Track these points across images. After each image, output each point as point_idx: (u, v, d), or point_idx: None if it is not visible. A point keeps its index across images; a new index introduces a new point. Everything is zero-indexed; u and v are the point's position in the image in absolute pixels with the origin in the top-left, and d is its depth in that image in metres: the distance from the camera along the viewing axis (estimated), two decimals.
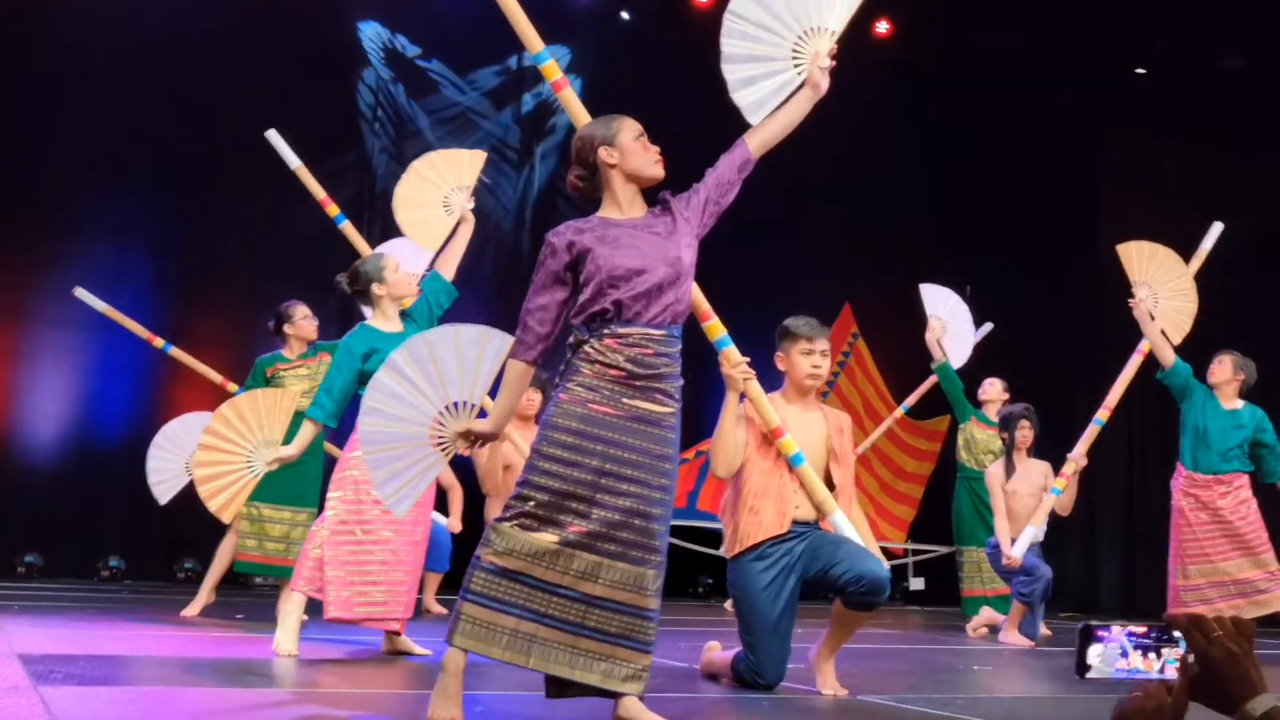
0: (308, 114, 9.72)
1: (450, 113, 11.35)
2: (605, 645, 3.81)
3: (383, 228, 8.93)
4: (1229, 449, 7.42)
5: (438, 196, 6.23)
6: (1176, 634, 1.98)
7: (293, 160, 7.23)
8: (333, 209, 7.18)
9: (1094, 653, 1.99)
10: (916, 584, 11.66)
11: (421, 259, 6.52)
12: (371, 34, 11.17)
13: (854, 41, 4.42)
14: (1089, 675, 1.99)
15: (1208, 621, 1.92)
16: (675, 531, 10.50)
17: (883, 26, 11.85)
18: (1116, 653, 2.00)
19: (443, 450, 4.07)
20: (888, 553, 11.70)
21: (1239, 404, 7.52)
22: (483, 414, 4.11)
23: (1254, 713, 1.89)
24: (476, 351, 4.06)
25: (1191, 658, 1.92)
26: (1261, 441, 7.47)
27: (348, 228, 7.14)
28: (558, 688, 3.90)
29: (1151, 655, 1.99)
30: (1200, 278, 7.84)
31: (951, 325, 9.46)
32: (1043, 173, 11.64)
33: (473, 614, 3.80)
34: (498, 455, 7.07)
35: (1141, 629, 1.99)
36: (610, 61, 11.35)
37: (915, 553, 11.78)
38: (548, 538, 3.80)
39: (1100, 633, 2.01)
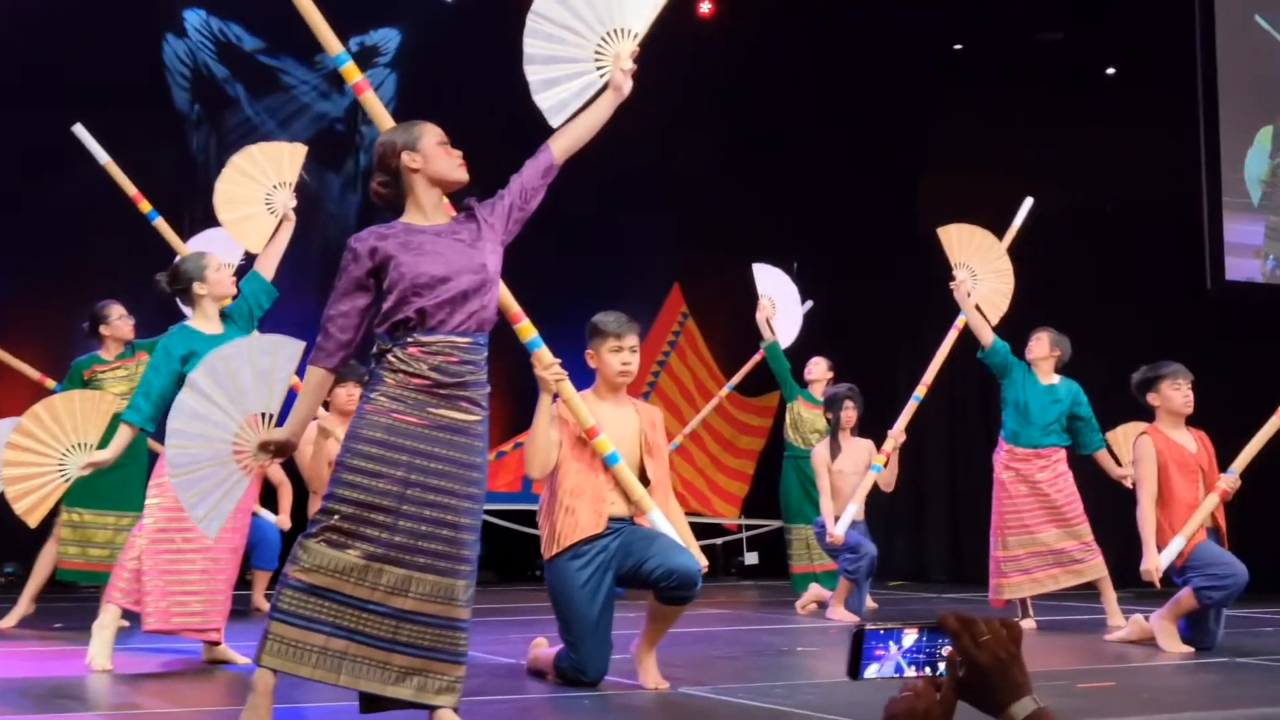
0: (120, 100, 9.46)
1: (281, 100, 11.13)
2: (418, 660, 3.80)
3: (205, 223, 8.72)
4: (1048, 424, 7.60)
5: (259, 194, 6.09)
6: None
7: (101, 155, 7.02)
8: (145, 205, 6.99)
9: (870, 670, 2.01)
10: (751, 559, 11.79)
11: (235, 251, 6.41)
12: (198, 21, 10.89)
13: (677, 22, 4.41)
14: (864, 678, 2.01)
15: (977, 624, 1.96)
16: (510, 515, 10.55)
17: (705, 6, 11.89)
18: (891, 668, 2.02)
19: (245, 467, 4.01)
20: (721, 529, 11.85)
21: (1056, 379, 7.70)
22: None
23: (1017, 716, 1.94)
24: (270, 362, 4.01)
25: (959, 659, 1.95)
26: (1078, 415, 7.66)
27: (161, 224, 6.96)
28: (370, 703, 3.88)
29: (927, 669, 2.01)
30: (1017, 254, 8.02)
31: (781, 305, 9.56)
32: (866, 151, 11.81)
33: (280, 633, 3.77)
34: (322, 454, 6.97)
35: (914, 634, 2.01)
36: (440, 45, 11.22)
37: (749, 528, 11.92)
38: (354, 553, 3.77)
39: (877, 650, 2.02)
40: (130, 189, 6.98)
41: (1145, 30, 10.61)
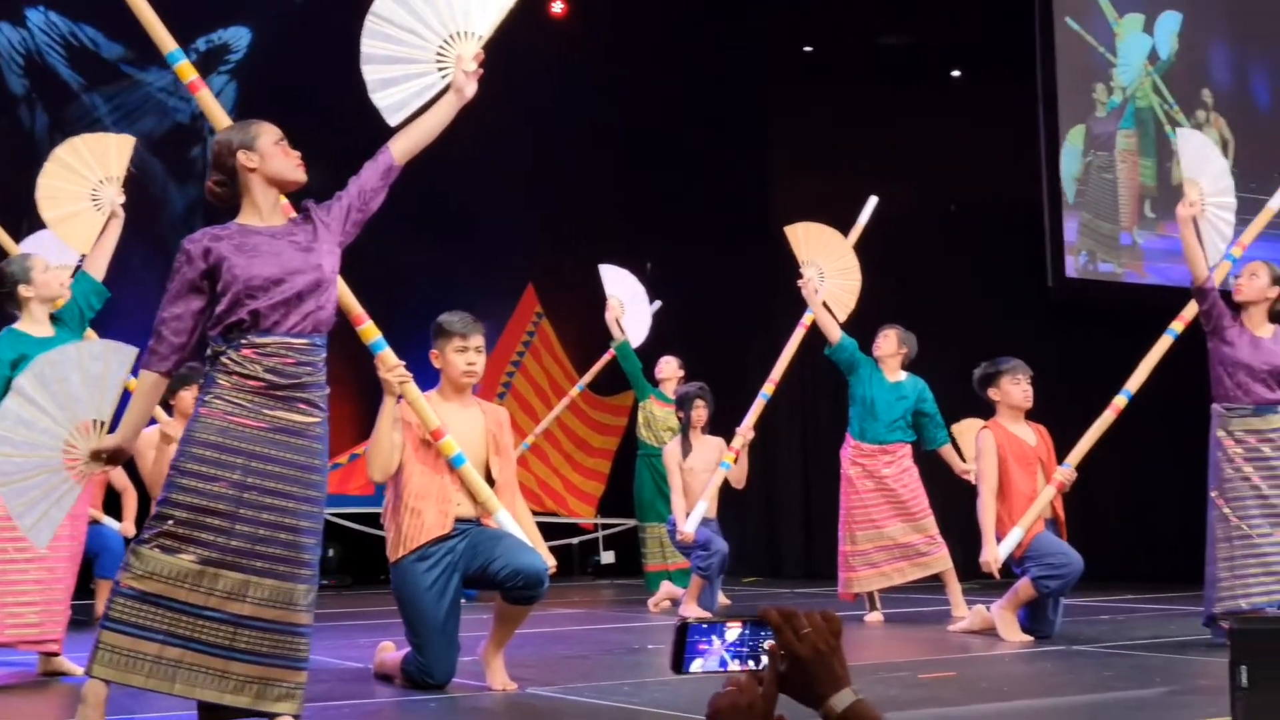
0: None
1: (129, 96, 10.88)
2: (257, 667, 3.75)
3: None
4: (894, 420, 7.72)
5: (84, 189, 5.81)
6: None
7: None
8: None
9: (695, 664, 2.03)
10: (607, 558, 11.82)
11: (68, 253, 6.22)
12: (37, 19, 10.60)
13: (530, 22, 4.41)
14: (688, 672, 2.02)
15: (798, 617, 1.98)
16: (366, 519, 10.45)
17: (558, 7, 11.88)
18: (715, 663, 2.04)
19: (77, 474, 3.92)
20: (578, 528, 11.87)
21: (902, 376, 7.82)
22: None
23: (836, 708, 1.97)
24: (101, 367, 3.93)
25: (780, 652, 1.97)
26: (923, 411, 7.79)
27: None
28: (209, 713, 3.82)
29: (750, 663, 2.03)
30: (864, 252, 8.14)
31: (629, 305, 9.61)
32: (717, 150, 11.90)
33: (112, 642, 3.70)
34: (165, 459, 6.81)
35: (737, 628, 2.03)
36: (291, 44, 11.07)
37: (605, 527, 11.95)
38: (189, 558, 3.71)
39: (701, 644, 2.04)
40: None
41: (988, 33, 10.84)
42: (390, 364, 4.76)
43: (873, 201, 8.25)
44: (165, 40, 4.67)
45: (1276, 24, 10.63)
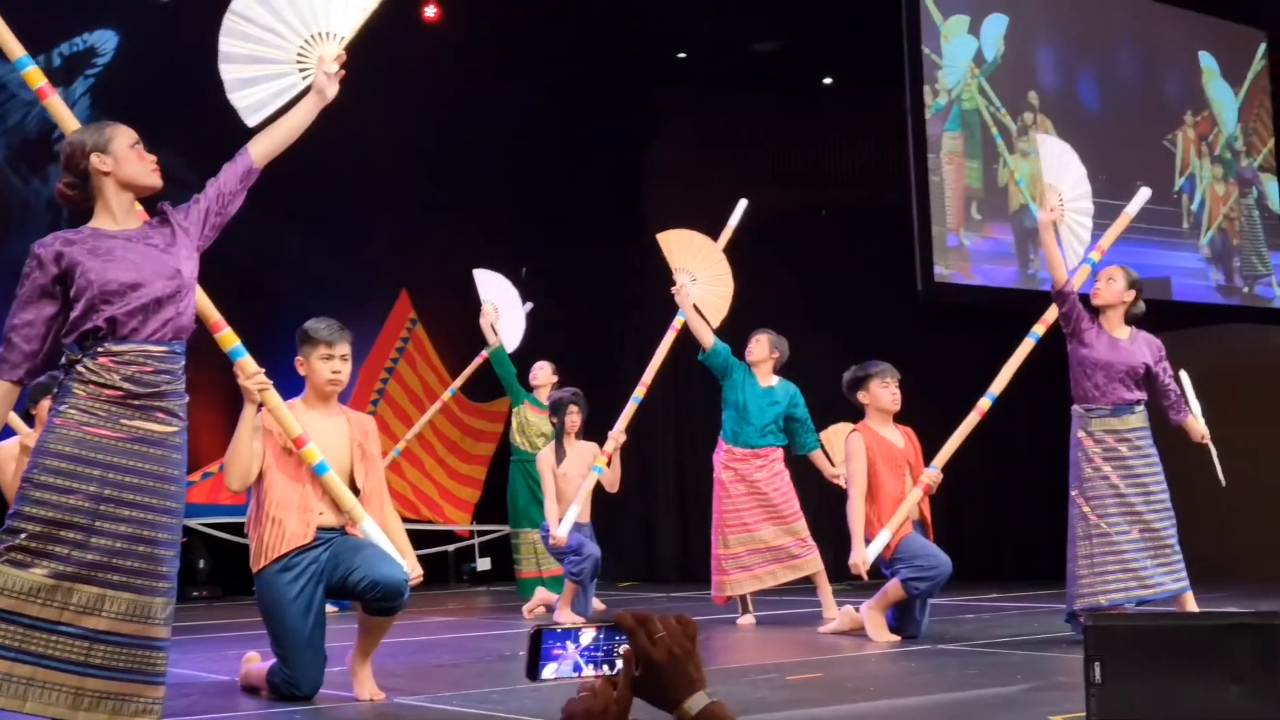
0: None
1: None
2: (113, 683, 3.68)
3: None
4: (765, 424, 7.76)
5: None
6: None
7: None
8: None
9: (549, 670, 2.01)
10: (483, 565, 11.76)
11: None
12: None
13: (403, 25, 4.37)
14: (542, 678, 2.01)
15: (653, 621, 1.97)
16: (235, 528, 10.27)
17: (430, 11, 11.80)
18: (569, 668, 2.03)
19: None
20: (454, 535, 11.80)
21: (774, 381, 7.87)
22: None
23: (690, 711, 1.96)
24: None
25: (635, 656, 1.97)
26: (794, 416, 7.84)
27: None
28: None
29: (605, 667, 2.02)
30: (738, 258, 8.18)
31: (504, 310, 9.57)
32: (591, 156, 11.91)
33: None
34: (20, 471, 6.67)
35: (592, 632, 2.02)
36: (159, 47, 10.87)
37: (481, 534, 11.90)
38: (41, 572, 3.62)
39: (555, 649, 2.03)
40: None
41: (858, 39, 10.97)
42: (249, 371, 4.67)
43: (742, 205, 8.30)
44: (13, 47, 4.55)
45: (1101, 26, 10.88)
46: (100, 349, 3.72)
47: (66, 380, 3.74)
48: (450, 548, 11.83)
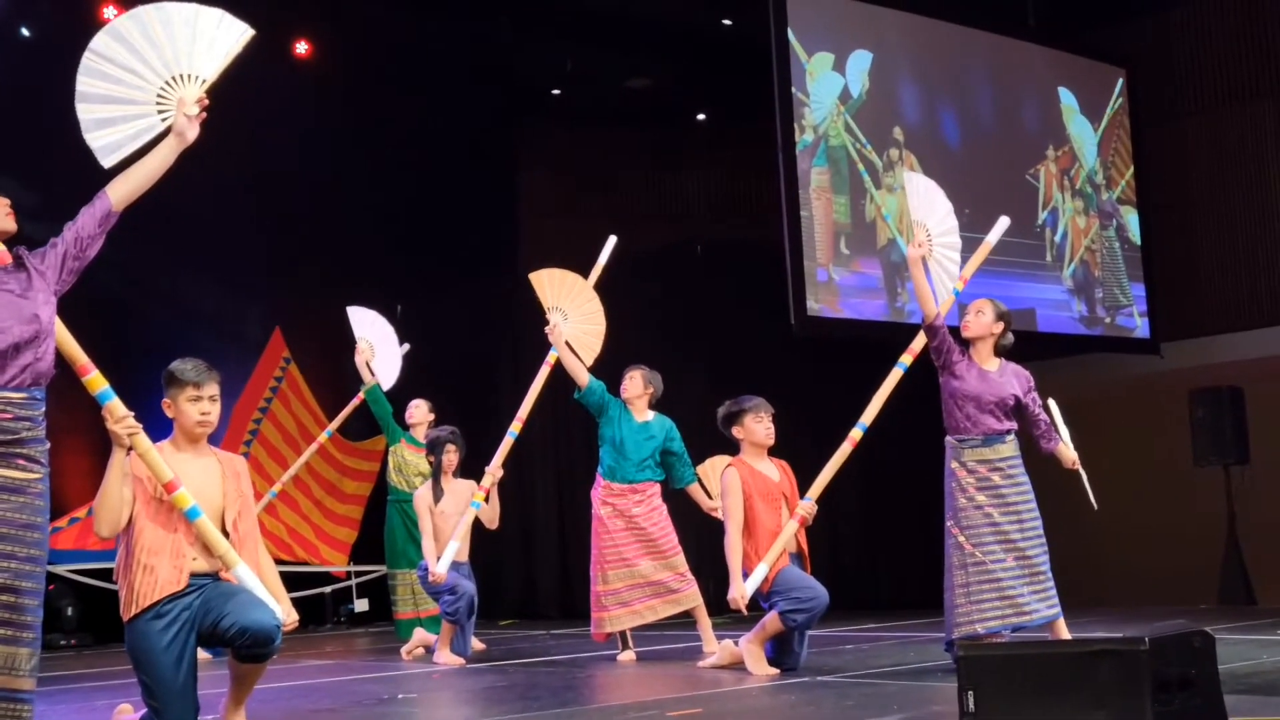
0: None
1: None
2: None
3: None
4: (643, 459, 7.78)
5: None
6: None
7: None
8: None
9: None
10: (361, 606, 11.63)
11: None
12: None
13: (272, 60, 4.34)
14: None
15: None
16: (104, 574, 10.03)
17: (302, 47, 11.72)
18: None
19: None
20: (329, 577, 11.64)
21: (650, 416, 7.89)
22: None
23: None
24: None
25: None
26: (671, 450, 7.87)
27: None
28: None
29: None
30: (611, 294, 8.19)
31: (379, 347, 9.49)
32: (466, 192, 11.89)
33: None
34: None
35: None
36: (17, 81, 10.66)
37: (359, 574, 11.76)
38: None
39: None
40: None
41: (730, 76, 11.10)
42: (118, 415, 4.56)
43: (611, 241, 8.32)
44: None
45: (963, 63, 11.13)
46: None
47: None
48: (327, 589, 11.68)
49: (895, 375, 6.65)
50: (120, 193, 4.07)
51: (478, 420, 9.63)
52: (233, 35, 4.31)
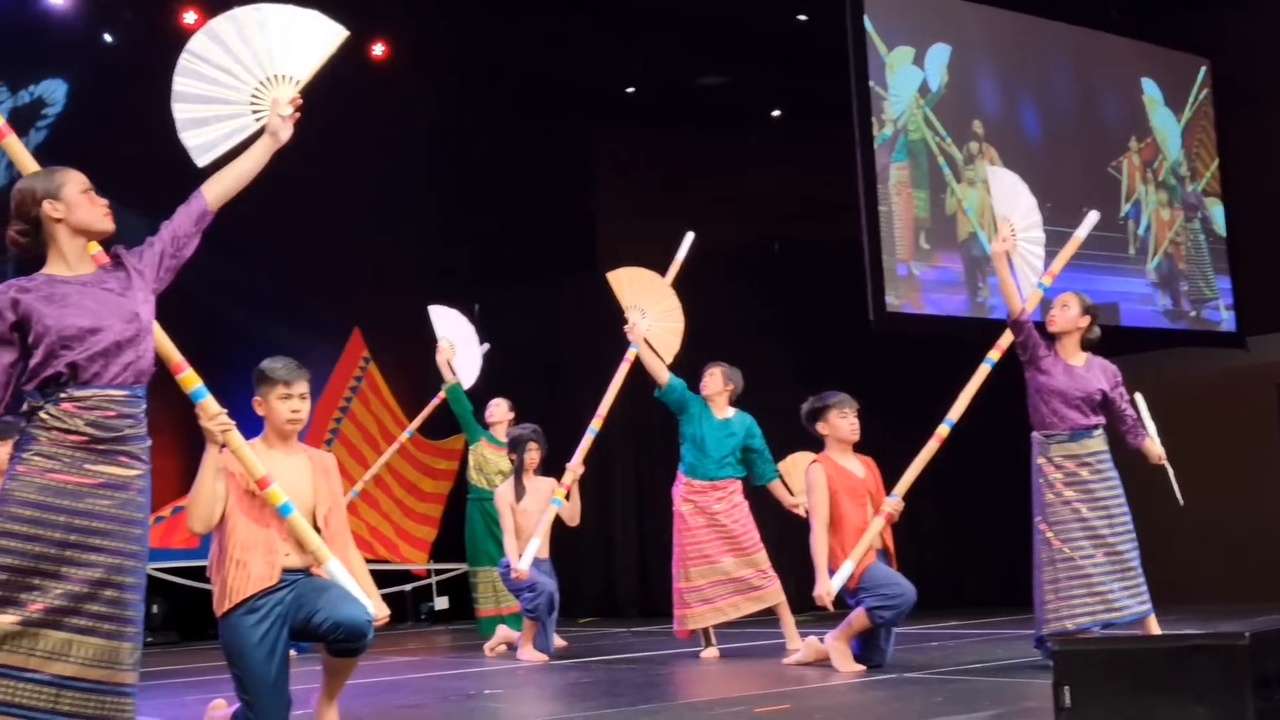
0: None
1: None
2: None
3: None
4: (723, 456, 7.77)
5: None
6: None
7: None
8: None
9: None
10: (441, 604, 11.70)
11: None
12: None
13: (351, 63, 4.37)
14: None
15: None
16: (190, 573, 10.19)
17: (378, 49, 11.80)
18: None
19: None
20: (410, 575, 11.72)
21: (730, 413, 7.89)
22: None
23: None
24: None
25: None
26: (752, 447, 7.86)
27: None
28: None
29: None
30: (691, 292, 8.19)
31: (460, 346, 9.53)
32: (544, 191, 11.93)
33: None
34: None
35: None
36: (102, 86, 10.84)
37: (439, 572, 11.83)
38: (8, 619, 3.58)
39: None
40: None
41: (806, 72, 11.05)
42: (211, 412, 4.62)
43: (689, 238, 8.30)
44: None
45: (1044, 55, 11.02)
46: (63, 395, 3.69)
47: (29, 428, 3.70)
48: (408, 587, 11.76)
49: (983, 371, 6.59)
50: (215, 192, 4.11)
51: (556, 418, 9.65)
52: (326, 36, 4.34)
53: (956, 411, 6.63)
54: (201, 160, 4.23)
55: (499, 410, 9.40)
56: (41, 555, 3.61)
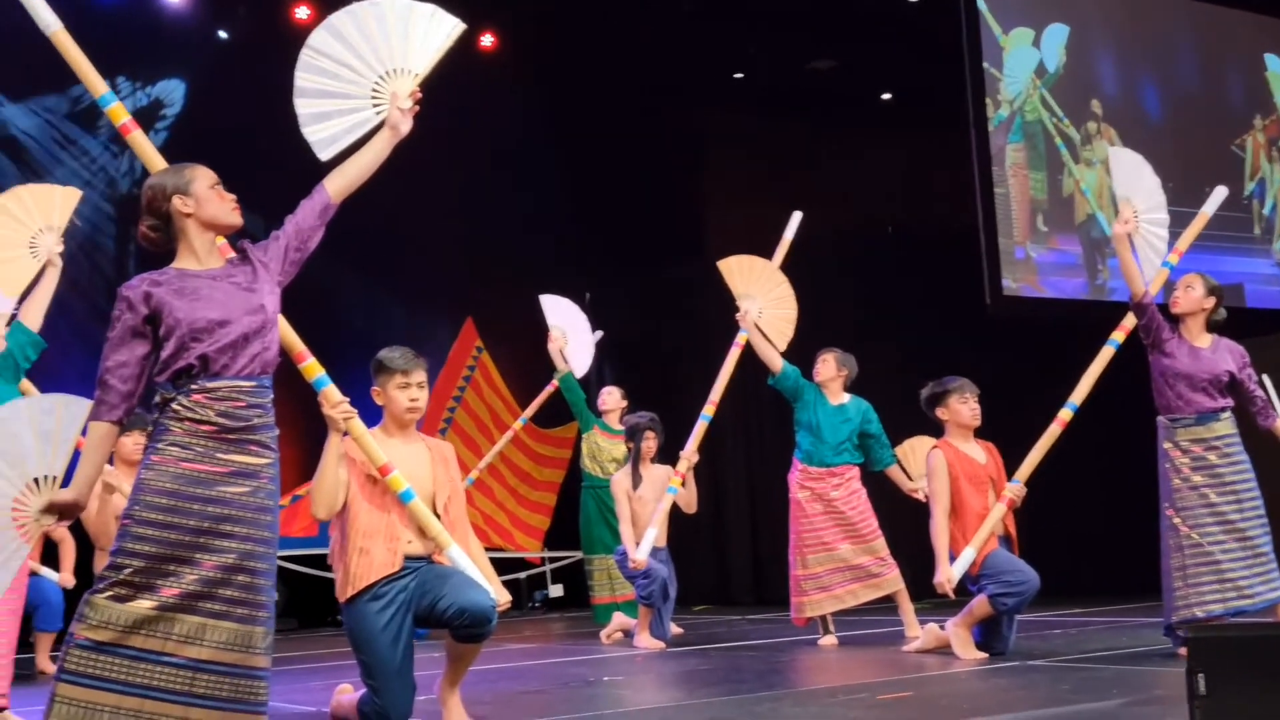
0: None
1: (37, 145, 10.75)
2: (216, 712, 3.70)
3: None
4: (840, 442, 7.73)
5: (24, 237, 5.85)
6: None
7: None
8: None
9: None
10: (556, 591, 11.77)
11: (3, 302, 6.14)
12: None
13: (460, 54, 4.41)
14: None
15: None
16: (308, 560, 10.34)
17: (487, 40, 11.87)
18: None
19: (26, 533, 3.83)
20: (524, 563, 11.80)
21: (845, 398, 7.84)
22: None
23: None
24: (53, 422, 3.84)
25: None
26: (868, 432, 7.80)
27: None
28: None
29: None
30: (802, 278, 8.14)
31: (572, 335, 9.58)
32: (652, 179, 11.92)
33: (69, 695, 3.62)
34: (108, 508, 6.72)
35: None
36: (218, 84, 11.02)
37: (553, 560, 11.90)
38: (145, 604, 3.65)
39: None
40: None
41: (915, 53, 10.93)
42: (334, 400, 4.70)
43: (796, 217, 8.23)
44: (96, 84, 4.61)
45: (1163, 32, 10.80)
46: (194, 386, 3.75)
47: (162, 419, 3.77)
48: (522, 575, 11.83)
49: (1106, 354, 6.48)
50: (337, 185, 4.15)
51: (667, 406, 9.66)
52: (444, 29, 4.38)
53: (1079, 395, 6.52)
54: (324, 154, 4.28)
55: (611, 398, 9.43)
56: (177, 542, 3.69)
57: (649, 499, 8.01)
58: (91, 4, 10.41)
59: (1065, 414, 6.52)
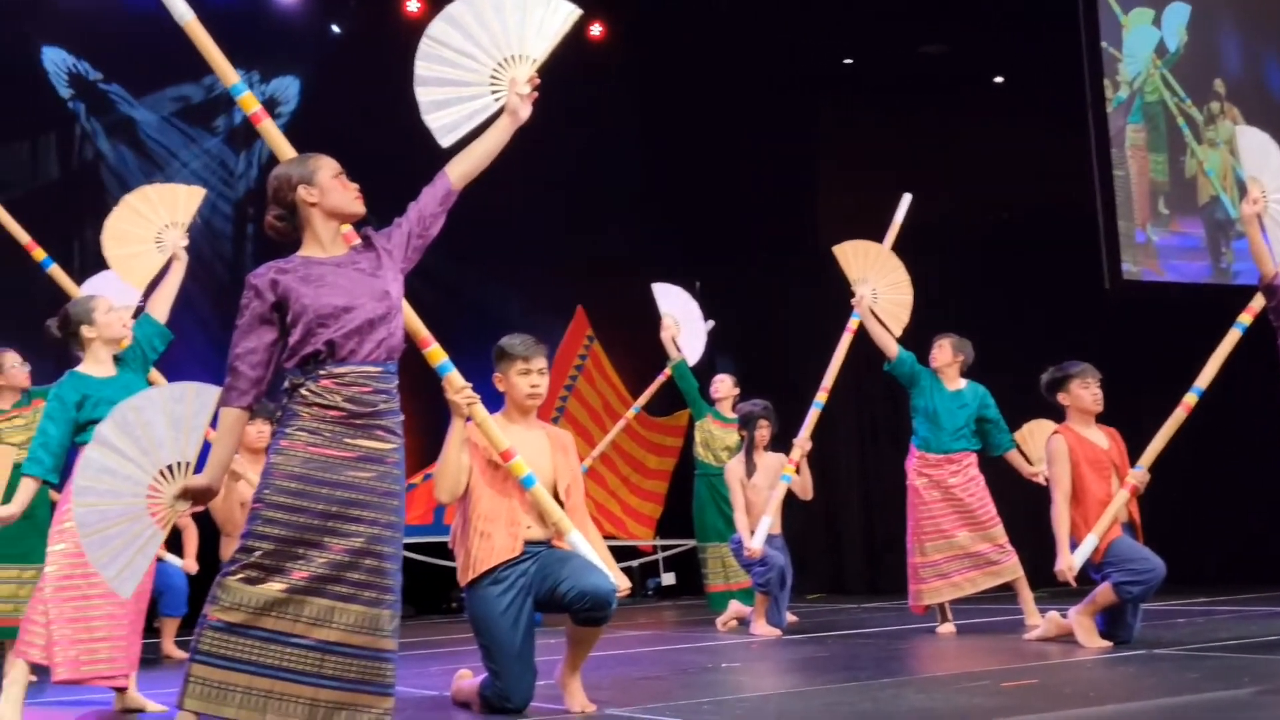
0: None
1: (157, 140, 10.97)
2: (345, 693, 3.76)
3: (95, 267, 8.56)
4: (957, 428, 7.65)
5: (150, 232, 6.03)
6: None
7: None
8: (39, 253, 6.84)
9: None
10: (668, 579, 11.79)
11: (130, 294, 6.28)
12: (58, 59, 10.70)
13: (569, 44, 4.44)
14: None
15: None
16: (424, 548, 10.45)
17: (596, 29, 11.90)
18: None
19: (161, 519, 3.91)
20: (637, 550, 11.83)
21: (962, 384, 7.76)
22: None
23: None
24: (185, 409, 3.93)
25: None
26: (986, 417, 7.71)
27: (56, 271, 6.82)
28: None
29: None
30: (918, 263, 8.06)
31: (684, 323, 9.57)
32: (763, 165, 11.88)
33: (202, 675, 3.71)
34: (234, 495, 6.86)
35: None
36: (332, 79, 11.17)
37: (665, 548, 11.91)
38: (275, 586, 3.73)
39: None
40: (24, 237, 6.83)
41: (1027, 36, 10.77)
42: (458, 385, 4.75)
43: (906, 199, 8.16)
44: (228, 73, 4.70)
45: None
46: (322, 372, 3.81)
47: (290, 404, 3.84)
48: (634, 563, 11.87)
49: (1233, 337, 6.34)
50: (459, 171, 4.20)
51: (779, 394, 9.61)
52: (560, 15, 4.41)
53: (1205, 379, 6.39)
54: (445, 141, 4.33)
55: (724, 386, 9.42)
56: (306, 526, 3.75)
57: (763, 487, 7.99)
58: (205, 3, 10.58)
59: (1190, 398, 6.40)
